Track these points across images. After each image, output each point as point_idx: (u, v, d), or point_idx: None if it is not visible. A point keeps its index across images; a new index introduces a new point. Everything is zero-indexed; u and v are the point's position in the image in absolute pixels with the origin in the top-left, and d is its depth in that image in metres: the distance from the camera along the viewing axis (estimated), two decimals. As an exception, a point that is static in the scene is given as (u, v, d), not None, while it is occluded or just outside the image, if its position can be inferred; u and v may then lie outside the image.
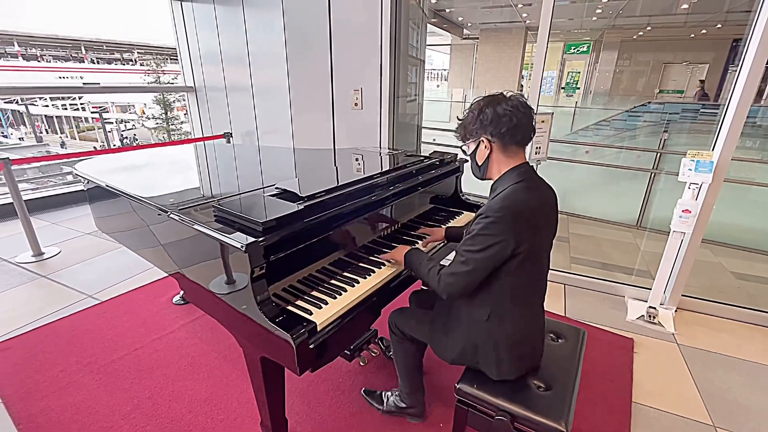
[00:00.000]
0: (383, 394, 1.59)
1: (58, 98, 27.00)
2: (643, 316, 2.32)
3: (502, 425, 1.13)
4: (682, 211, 2.06)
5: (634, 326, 2.26)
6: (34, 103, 26.61)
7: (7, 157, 2.70)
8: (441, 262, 1.25)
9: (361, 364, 1.84)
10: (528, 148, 2.40)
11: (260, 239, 1.05)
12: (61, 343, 2.03)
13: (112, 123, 27.19)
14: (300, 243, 1.19)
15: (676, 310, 2.39)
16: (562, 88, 13.62)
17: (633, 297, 2.51)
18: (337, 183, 1.48)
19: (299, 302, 1.20)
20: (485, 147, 1.15)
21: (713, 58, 12.22)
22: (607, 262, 3.12)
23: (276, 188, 1.39)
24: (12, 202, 2.88)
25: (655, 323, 2.27)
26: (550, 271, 2.78)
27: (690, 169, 2.06)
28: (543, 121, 2.33)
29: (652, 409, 1.70)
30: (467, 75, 13.84)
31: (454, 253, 1.17)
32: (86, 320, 2.23)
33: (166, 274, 1.60)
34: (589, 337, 2.13)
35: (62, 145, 23.84)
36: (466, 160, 2.10)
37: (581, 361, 1.31)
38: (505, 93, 1.14)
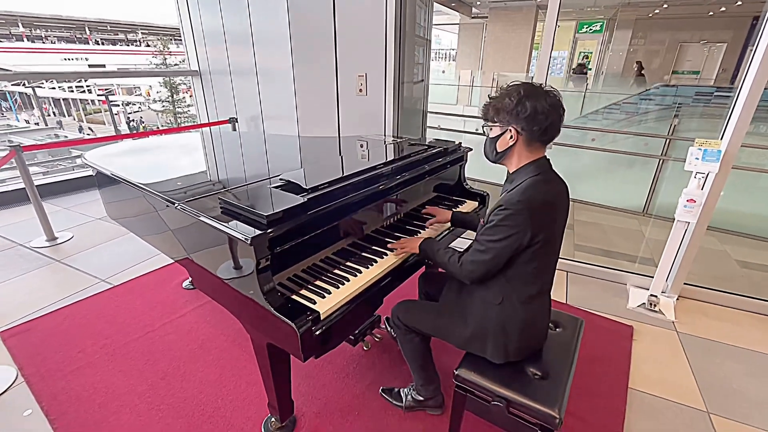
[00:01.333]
0: (401, 391, 1.63)
1: (65, 80, 27.00)
2: (644, 303, 2.34)
3: (498, 410, 1.18)
4: (687, 200, 2.05)
5: (634, 314, 2.29)
6: (41, 85, 26.65)
7: (18, 144, 2.75)
8: (456, 249, 1.30)
9: (365, 348, 1.90)
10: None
11: (265, 232, 1.08)
12: (78, 326, 2.12)
13: (119, 105, 27.20)
14: (304, 234, 1.22)
15: (677, 298, 2.41)
16: (573, 69, 13.27)
17: (635, 285, 2.53)
18: (342, 173, 1.50)
19: (303, 291, 1.24)
20: (511, 137, 1.15)
21: (732, 38, 11.77)
22: (611, 250, 3.12)
23: (281, 179, 1.42)
24: (24, 188, 2.95)
25: (655, 311, 2.29)
26: (552, 259, 2.74)
27: (697, 158, 2.04)
28: (549, 109, 2.30)
29: (648, 395, 1.74)
30: (476, 56, 13.51)
31: (458, 239, 1.20)
32: (100, 304, 2.31)
33: (174, 261, 1.65)
34: (590, 324, 2.17)
35: (80, 129, 23.56)
36: (470, 149, 2.11)
37: (577, 350, 1.34)
38: (544, 86, 1.13)
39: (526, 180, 1.13)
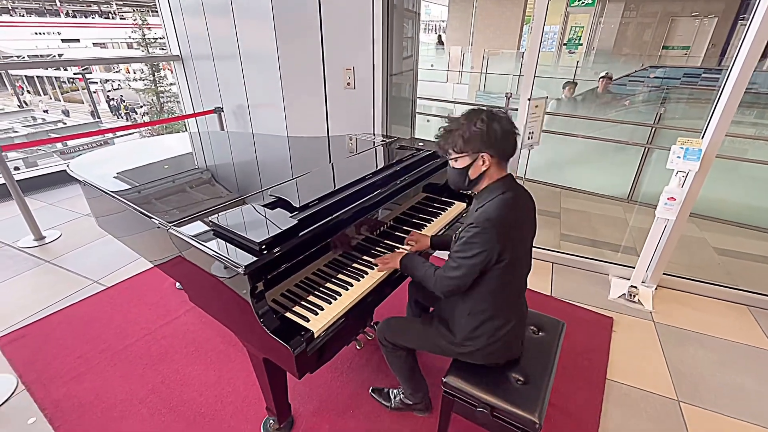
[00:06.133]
0: (390, 391, 1.71)
1: (37, 56, 25.71)
2: (624, 294, 2.45)
3: (483, 415, 1.26)
4: (668, 198, 2.11)
5: (615, 305, 2.40)
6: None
7: (-3, 145, 2.68)
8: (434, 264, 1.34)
9: (358, 347, 1.97)
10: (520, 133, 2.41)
11: (258, 258, 1.10)
12: (74, 330, 2.15)
13: (97, 83, 26.16)
14: (296, 252, 1.25)
15: (656, 288, 2.52)
16: (564, 44, 13.07)
17: (617, 275, 2.63)
18: (333, 186, 1.52)
19: (297, 308, 1.28)
20: (483, 163, 1.18)
21: (723, 10, 11.67)
22: (596, 239, 3.21)
23: (271, 195, 1.44)
24: (5, 183, 2.88)
25: (635, 302, 2.40)
26: (539, 250, 2.87)
27: (679, 157, 2.09)
28: (537, 106, 2.31)
29: (624, 386, 1.86)
30: (466, 31, 13.18)
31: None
32: (95, 307, 2.33)
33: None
34: (572, 316, 2.27)
35: (93, 113, 21.26)
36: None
37: (558, 354, 1.42)
38: (492, 110, 1.19)
39: (494, 198, 1.17)
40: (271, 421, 1.61)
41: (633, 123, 4.13)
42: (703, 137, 2.10)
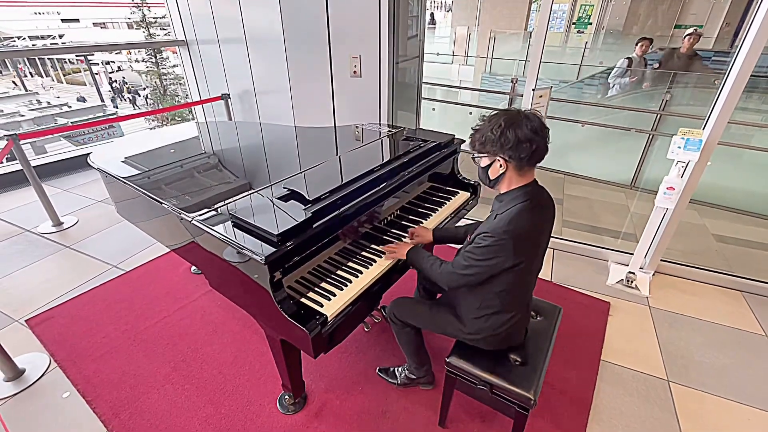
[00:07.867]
0: (396, 370, 1.83)
1: (38, 38, 25.50)
2: (622, 280, 2.53)
3: (482, 392, 1.37)
4: (667, 188, 2.16)
5: (612, 290, 2.48)
6: (14, 43, 25.17)
7: (14, 133, 2.76)
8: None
9: (366, 330, 2.09)
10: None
11: (277, 249, 1.19)
12: (98, 312, 2.27)
13: (98, 64, 25.96)
14: (310, 242, 1.34)
15: (653, 274, 2.60)
16: (573, 23, 12.74)
17: (616, 261, 2.71)
18: (341, 179, 1.59)
19: (311, 294, 1.38)
20: (500, 166, 1.20)
21: (740, -14, 11.28)
22: (597, 225, 3.28)
23: (284, 188, 1.51)
24: (22, 169, 2.96)
25: (632, 287, 2.49)
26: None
27: (679, 147, 2.13)
28: (541, 96, 2.34)
29: (617, 366, 1.97)
30: (473, 9, 12.89)
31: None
32: (116, 290, 2.46)
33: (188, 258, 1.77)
34: (570, 301, 2.37)
35: (113, 99, 20.63)
36: (463, 140, 2.18)
37: (554, 337, 1.52)
38: (523, 111, 1.18)
39: (514, 207, 1.19)
40: (287, 397, 1.74)
41: (637, 110, 4.12)
42: (704, 127, 2.14)
